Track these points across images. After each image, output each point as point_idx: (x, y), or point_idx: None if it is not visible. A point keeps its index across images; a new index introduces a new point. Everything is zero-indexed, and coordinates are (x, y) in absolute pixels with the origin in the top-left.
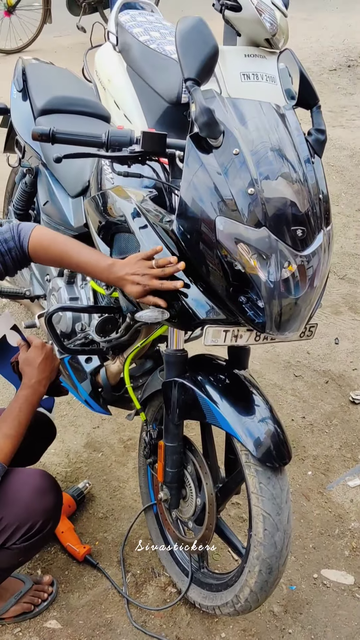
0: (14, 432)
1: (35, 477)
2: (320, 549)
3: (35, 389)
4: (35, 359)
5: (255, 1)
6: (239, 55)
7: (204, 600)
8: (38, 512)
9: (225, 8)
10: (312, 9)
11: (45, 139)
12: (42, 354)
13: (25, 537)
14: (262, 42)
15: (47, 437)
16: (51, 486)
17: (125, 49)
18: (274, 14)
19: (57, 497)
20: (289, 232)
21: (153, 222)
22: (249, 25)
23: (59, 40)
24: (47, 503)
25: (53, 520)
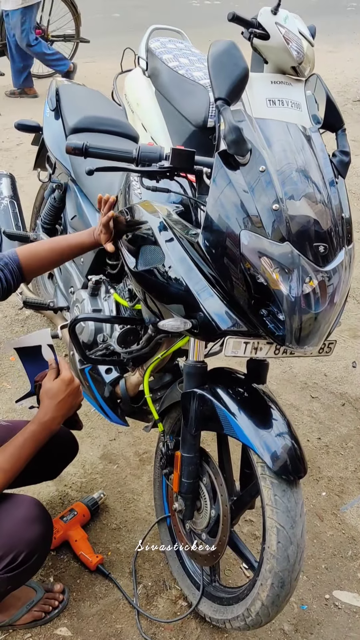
0: (9, 466)
1: (23, 505)
2: (332, 570)
3: (46, 427)
4: (57, 394)
5: (283, 30)
6: (265, 82)
7: (215, 613)
8: (22, 542)
9: (253, 36)
10: (338, 42)
11: (78, 153)
12: (66, 390)
13: (9, 568)
14: (289, 69)
15: (69, 453)
16: (39, 516)
17: (154, 74)
18: (300, 42)
19: (46, 527)
20: (311, 248)
21: (179, 235)
22: (276, 53)
23: (89, 66)
24: (33, 533)
25: (40, 552)
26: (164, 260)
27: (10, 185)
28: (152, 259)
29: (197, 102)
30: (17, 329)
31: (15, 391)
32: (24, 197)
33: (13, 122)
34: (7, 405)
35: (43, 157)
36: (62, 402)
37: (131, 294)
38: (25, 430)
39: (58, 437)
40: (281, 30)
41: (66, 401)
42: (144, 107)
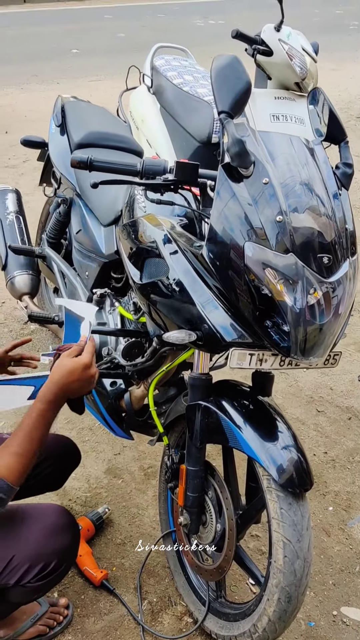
0: (22, 449)
1: (51, 514)
2: (340, 586)
3: (51, 404)
4: (69, 374)
5: (286, 47)
6: (269, 98)
7: (221, 630)
8: (53, 552)
9: (257, 53)
10: (341, 60)
11: (83, 167)
12: (80, 374)
13: (40, 576)
14: (292, 85)
15: (72, 462)
16: (68, 524)
17: (159, 91)
18: (304, 59)
19: (74, 535)
20: (315, 259)
21: (183, 247)
22: (279, 69)
23: (95, 84)
24: (63, 542)
25: (69, 560)
26: (169, 273)
27: (16, 200)
28: (157, 272)
29: (202, 119)
30: None
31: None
32: (30, 213)
33: (19, 139)
34: (12, 419)
35: (48, 173)
36: (71, 384)
37: (136, 307)
38: (31, 410)
39: (60, 446)
40: (284, 47)
41: (75, 384)
42: (148, 124)
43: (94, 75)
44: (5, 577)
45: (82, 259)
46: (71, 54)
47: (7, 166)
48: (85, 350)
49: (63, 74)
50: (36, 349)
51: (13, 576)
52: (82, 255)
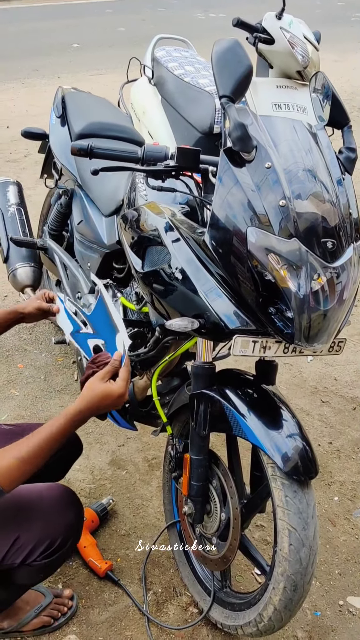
0: (29, 457)
1: (54, 491)
2: (346, 576)
3: (74, 423)
4: (102, 399)
5: (287, 35)
6: (271, 86)
7: (226, 619)
8: (58, 529)
9: (258, 41)
10: (343, 51)
11: (83, 154)
12: (112, 402)
13: (46, 554)
14: (294, 74)
15: (74, 452)
16: (72, 501)
17: (160, 82)
18: (305, 47)
19: (79, 511)
20: (319, 244)
21: (186, 235)
22: (281, 57)
23: (96, 78)
24: (68, 518)
25: (74, 536)
26: (171, 261)
27: (17, 192)
28: (159, 260)
29: (203, 109)
30: (25, 336)
31: (23, 398)
32: (32, 207)
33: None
34: (15, 412)
35: (50, 164)
36: (100, 409)
37: (138, 297)
38: (54, 423)
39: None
40: (286, 35)
41: (104, 409)
42: (150, 115)
43: (95, 69)
44: (11, 557)
45: (83, 250)
46: (72, 48)
47: (9, 160)
48: (120, 377)
49: (64, 68)
50: (38, 342)
51: (19, 556)
52: (83, 246)
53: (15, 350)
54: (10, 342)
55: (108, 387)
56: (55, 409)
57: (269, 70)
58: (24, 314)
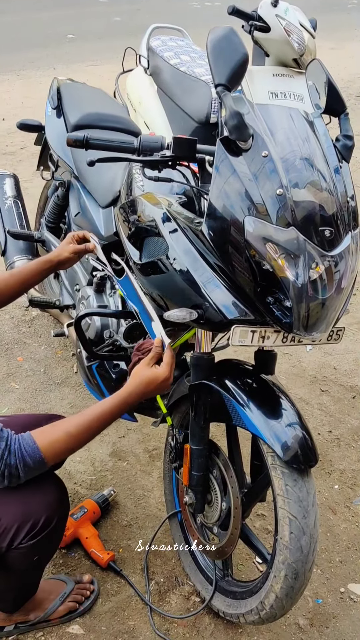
0: (77, 432)
1: None
2: (347, 563)
3: (124, 405)
4: (149, 383)
5: (283, 22)
6: (267, 75)
7: (228, 608)
8: (39, 508)
9: (254, 29)
10: (340, 39)
11: (79, 145)
12: (159, 385)
13: (30, 535)
14: (290, 62)
15: None
16: (50, 481)
17: (156, 72)
18: (301, 35)
19: (59, 490)
20: (316, 232)
21: (183, 225)
22: (277, 45)
23: (91, 69)
24: (48, 498)
25: (59, 515)
26: (168, 252)
27: (14, 185)
28: (156, 251)
29: (199, 99)
30: (24, 329)
31: (23, 391)
32: (29, 199)
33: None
34: (15, 405)
35: (46, 156)
36: (148, 393)
37: None
38: (105, 403)
39: None
40: (282, 23)
41: (151, 393)
42: (146, 106)
43: (90, 60)
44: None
45: None
46: (67, 39)
47: (5, 153)
48: (164, 362)
49: (59, 59)
50: (37, 335)
51: (3, 540)
52: None
53: (15, 344)
54: (9, 335)
55: (153, 372)
56: (55, 402)
57: (265, 58)
58: (60, 261)
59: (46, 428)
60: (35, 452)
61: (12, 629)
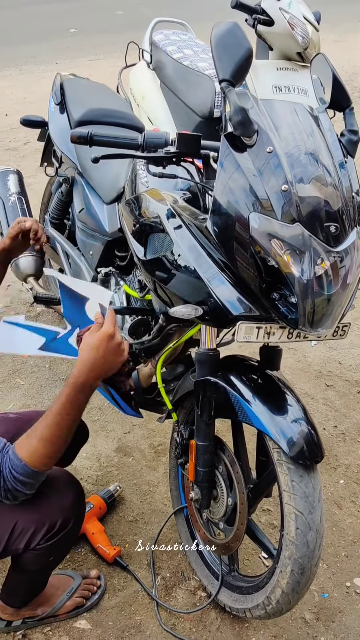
0: (49, 434)
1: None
2: (352, 558)
3: (82, 388)
4: (94, 349)
5: (287, 16)
6: (271, 69)
7: (235, 603)
8: (56, 511)
9: (258, 23)
10: (343, 31)
11: (83, 142)
12: (105, 345)
13: (47, 537)
14: (294, 55)
15: (80, 438)
16: (68, 483)
17: (159, 66)
18: (305, 28)
19: (76, 493)
20: (322, 228)
21: (187, 221)
22: (281, 39)
23: (94, 64)
24: (66, 500)
25: (75, 517)
26: (173, 248)
27: (17, 181)
28: (161, 247)
29: (203, 93)
30: None
31: (28, 387)
32: (32, 195)
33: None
34: (21, 401)
35: (49, 153)
36: (99, 360)
37: (141, 284)
38: (61, 395)
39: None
40: (285, 16)
41: (102, 360)
42: (149, 100)
43: (93, 55)
44: (13, 543)
45: (85, 239)
46: (69, 33)
47: (9, 149)
48: (105, 321)
49: (61, 54)
50: None
51: (21, 541)
52: (85, 235)
53: None
54: None
55: (95, 335)
56: None
57: (269, 52)
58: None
59: (23, 440)
60: (24, 468)
61: (20, 623)
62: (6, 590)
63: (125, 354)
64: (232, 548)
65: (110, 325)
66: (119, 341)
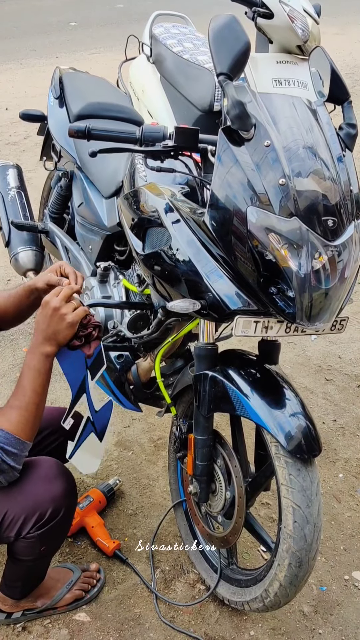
0: (20, 402)
1: (40, 466)
2: (351, 551)
3: (38, 353)
4: (41, 318)
5: (287, 9)
6: (270, 62)
7: (233, 596)
8: (45, 501)
9: (257, 16)
10: (345, 24)
11: (81, 136)
12: (44, 313)
13: (37, 526)
14: (294, 49)
15: None
16: (58, 473)
17: (159, 60)
18: (305, 21)
19: (67, 483)
20: (319, 222)
21: (185, 216)
22: (281, 32)
23: (94, 57)
24: (55, 491)
25: (66, 507)
26: (171, 242)
27: (17, 176)
28: (159, 242)
29: (203, 87)
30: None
31: None
32: (32, 190)
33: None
34: None
35: (49, 147)
36: (44, 326)
37: (140, 279)
38: (25, 362)
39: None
40: (285, 9)
41: (47, 325)
42: (149, 94)
43: (93, 48)
44: (4, 531)
45: (85, 233)
46: (69, 27)
47: (9, 143)
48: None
49: (62, 47)
50: None
51: (12, 529)
52: (84, 229)
53: (20, 334)
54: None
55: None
56: (60, 392)
57: (269, 45)
58: (38, 289)
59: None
60: (6, 436)
61: (20, 615)
62: (5, 582)
63: (68, 318)
64: (231, 541)
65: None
66: (52, 307)
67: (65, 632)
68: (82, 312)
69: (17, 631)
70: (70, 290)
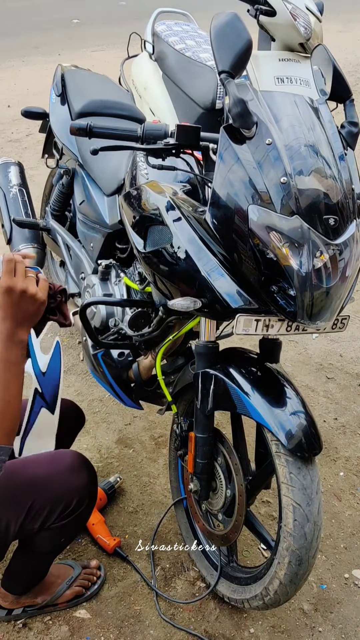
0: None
1: (65, 456)
2: (351, 550)
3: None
4: (9, 306)
5: (289, 6)
6: (273, 60)
7: (233, 593)
8: (71, 491)
9: (260, 13)
10: (347, 21)
11: (82, 133)
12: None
13: (62, 516)
14: (296, 46)
15: (76, 423)
16: (83, 464)
17: (161, 57)
18: (308, 19)
19: (90, 474)
20: (321, 221)
21: (187, 214)
22: (283, 30)
23: (96, 54)
24: (80, 481)
25: (88, 498)
26: (172, 240)
27: (19, 173)
28: (160, 240)
29: (205, 84)
30: None
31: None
32: (34, 187)
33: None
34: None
35: (51, 144)
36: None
37: (141, 277)
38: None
39: (62, 409)
40: (288, 7)
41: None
42: (151, 92)
43: (96, 45)
44: (29, 523)
45: (86, 230)
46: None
47: (11, 140)
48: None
49: (64, 44)
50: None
51: (37, 520)
52: (86, 227)
53: None
54: None
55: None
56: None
57: (271, 43)
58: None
59: None
60: None
61: (21, 612)
62: (8, 576)
63: (39, 297)
64: (231, 539)
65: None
66: (21, 289)
67: (66, 629)
68: (45, 283)
69: (17, 628)
70: (22, 263)
